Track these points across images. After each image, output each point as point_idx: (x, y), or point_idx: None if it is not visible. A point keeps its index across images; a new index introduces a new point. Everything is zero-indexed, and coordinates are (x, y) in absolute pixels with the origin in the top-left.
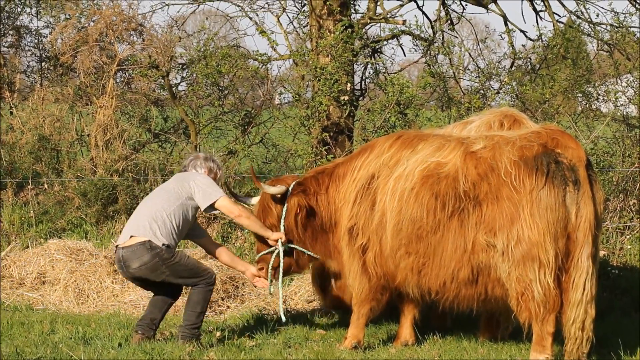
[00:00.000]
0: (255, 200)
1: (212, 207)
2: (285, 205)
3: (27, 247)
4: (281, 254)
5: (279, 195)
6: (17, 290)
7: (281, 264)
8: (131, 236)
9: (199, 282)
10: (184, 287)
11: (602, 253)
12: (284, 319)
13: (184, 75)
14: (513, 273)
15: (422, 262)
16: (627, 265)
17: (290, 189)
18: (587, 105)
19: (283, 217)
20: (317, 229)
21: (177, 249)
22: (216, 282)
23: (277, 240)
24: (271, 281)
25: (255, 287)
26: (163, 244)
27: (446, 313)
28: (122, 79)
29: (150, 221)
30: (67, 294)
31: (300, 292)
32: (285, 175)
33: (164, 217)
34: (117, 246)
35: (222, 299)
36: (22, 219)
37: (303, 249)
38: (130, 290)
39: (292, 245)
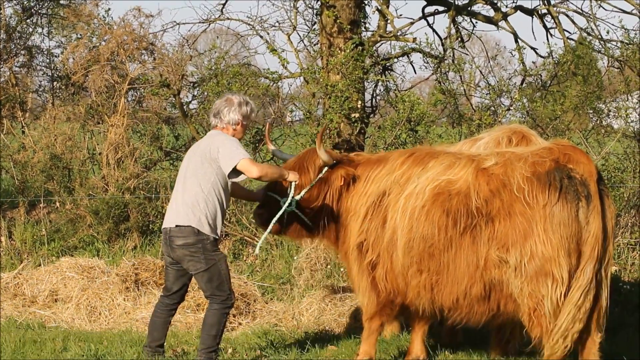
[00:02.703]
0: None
1: (235, 171)
2: (323, 173)
3: (40, 265)
4: (288, 201)
5: (324, 164)
6: (30, 308)
7: (283, 208)
8: (177, 225)
9: (219, 297)
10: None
11: (613, 268)
12: (257, 251)
13: (195, 93)
14: (525, 289)
15: (434, 280)
16: (639, 280)
17: (337, 162)
18: (598, 122)
19: (312, 184)
20: (333, 211)
21: (220, 253)
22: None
23: (291, 183)
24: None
25: None
26: (209, 233)
27: (458, 329)
28: (134, 98)
29: (193, 208)
30: (79, 312)
31: (312, 308)
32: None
33: (206, 200)
34: (164, 228)
35: (234, 316)
36: (34, 237)
37: (305, 219)
38: (142, 307)
39: (297, 210)
